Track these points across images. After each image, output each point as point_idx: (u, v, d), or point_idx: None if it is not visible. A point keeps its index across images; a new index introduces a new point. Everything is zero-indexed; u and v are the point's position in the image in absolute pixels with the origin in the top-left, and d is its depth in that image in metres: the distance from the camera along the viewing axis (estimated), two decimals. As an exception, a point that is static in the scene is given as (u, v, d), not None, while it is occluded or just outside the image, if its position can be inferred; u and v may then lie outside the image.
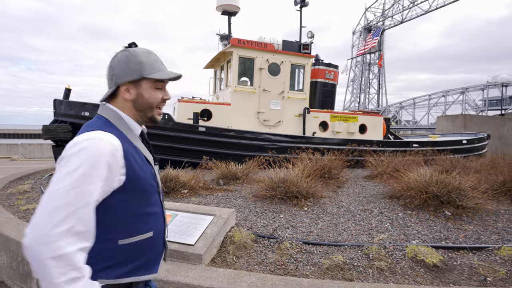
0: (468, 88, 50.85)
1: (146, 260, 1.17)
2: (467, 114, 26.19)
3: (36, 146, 19.18)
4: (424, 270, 2.94)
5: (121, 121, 1.15)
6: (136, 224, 1.11)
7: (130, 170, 1.06)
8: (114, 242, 1.06)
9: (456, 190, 4.28)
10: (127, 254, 1.09)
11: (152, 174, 1.18)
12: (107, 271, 1.05)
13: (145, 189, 1.14)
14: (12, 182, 6.38)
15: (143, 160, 1.16)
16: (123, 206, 1.06)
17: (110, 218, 1.04)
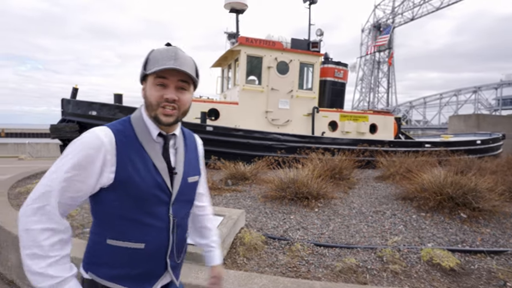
0: (481, 87, 49.93)
1: (133, 273, 1.07)
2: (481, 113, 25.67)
3: (43, 145, 19.41)
4: (441, 274, 2.84)
5: (139, 121, 1.11)
6: (125, 229, 1.05)
7: (122, 170, 1.01)
8: (103, 239, 1.06)
9: (472, 192, 4.15)
10: (114, 256, 1.06)
11: (155, 183, 1.06)
12: (94, 267, 1.08)
13: (141, 196, 1.04)
14: (20, 181, 6.43)
15: (146, 165, 1.06)
16: (112, 205, 1.04)
17: (100, 213, 1.07)
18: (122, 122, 1.11)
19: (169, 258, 1.14)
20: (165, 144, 1.13)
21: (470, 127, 19.55)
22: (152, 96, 1.06)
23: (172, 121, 1.08)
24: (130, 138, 1.06)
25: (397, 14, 45.77)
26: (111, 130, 1.04)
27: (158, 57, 1.05)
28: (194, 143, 1.31)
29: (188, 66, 1.07)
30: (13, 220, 3.74)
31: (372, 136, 9.86)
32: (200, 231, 1.42)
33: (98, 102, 7.03)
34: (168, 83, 1.06)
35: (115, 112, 6.96)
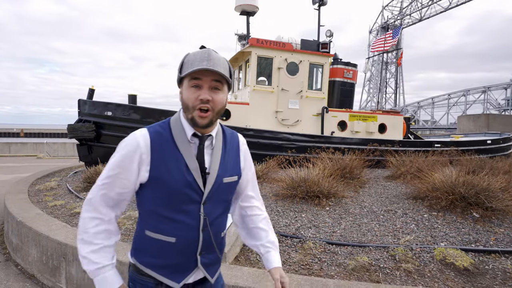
0: (490, 87, 49.18)
1: (166, 263, 1.15)
2: (490, 113, 25.31)
3: (60, 144, 19.79)
4: (455, 273, 2.85)
5: (177, 122, 1.17)
6: (159, 223, 1.13)
7: (154, 169, 1.10)
8: (143, 230, 1.17)
9: (484, 192, 4.13)
10: (150, 246, 1.15)
11: (186, 182, 1.11)
12: (137, 253, 1.19)
13: (172, 193, 1.10)
14: (40, 179, 6.60)
15: (178, 164, 1.11)
16: (148, 200, 1.14)
17: (140, 206, 1.18)
18: (162, 123, 1.18)
19: (199, 255, 1.18)
20: (199, 145, 1.16)
21: (480, 127, 19.32)
22: (188, 98, 1.10)
23: (206, 122, 1.11)
24: (166, 139, 1.13)
25: (405, 15, 45.35)
26: (148, 132, 1.13)
27: (192, 59, 1.09)
28: (236, 143, 1.30)
29: (221, 66, 1.10)
30: (33, 216, 3.86)
31: (381, 136, 9.83)
32: (252, 232, 1.39)
33: (113, 103, 7.15)
34: (202, 83, 1.09)
35: (129, 113, 7.08)
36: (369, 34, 50.97)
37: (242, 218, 1.42)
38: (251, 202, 1.40)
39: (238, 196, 1.39)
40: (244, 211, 1.40)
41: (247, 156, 1.35)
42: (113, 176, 1.11)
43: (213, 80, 1.10)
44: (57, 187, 5.87)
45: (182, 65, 1.12)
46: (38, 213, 4.01)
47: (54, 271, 3.23)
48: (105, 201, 1.13)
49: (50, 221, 3.71)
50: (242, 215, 1.41)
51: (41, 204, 4.68)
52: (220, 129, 1.25)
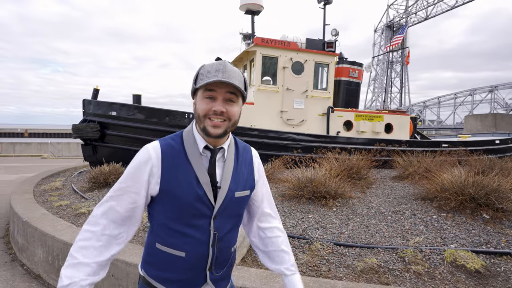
0: (497, 86, 48.62)
1: (175, 278, 1.13)
2: (498, 113, 25.01)
3: (64, 145, 19.95)
4: (465, 276, 2.79)
5: (189, 134, 1.15)
6: (169, 237, 1.11)
7: (165, 182, 1.08)
8: (154, 242, 1.15)
9: (495, 192, 4.05)
10: (160, 259, 1.13)
11: (196, 196, 1.08)
12: (147, 266, 1.17)
13: (182, 207, 1.08)
14: (45, 179, 6.62)
15: (189, 178, 1.08)
16: (159, 213, 1.12)
17: (151, 219, 1.16)
18: (175, 136, 1.17)
19: (208, 270, 1.15)
20: (211, 158, 1.13)
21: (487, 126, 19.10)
22: (200, 108, 1.08)
23: (220, 132, 1.08)
24: (177, 152, 1.11)
25: (410, 13, 45.02)
26: (160, 145, 1.11)
27: (207, 71, 1.07)
28: (249, 156, 1.27)
29: (236, 79, 1.07)
30: (39, 217, 3.86)
31: (387, 136, 9.74)
32: (273, 255, 1.30)
33: (118, 103, 7.16)
34: (216, 95, 1.07)
35: (134, 113, 7.08)
36: (374, 33, 50.67)
37: (262, 241, 1.33)
38: (270, 222, 1.34)
39: (254, 214, 1.33)
40: (264, 232, 1.33)
41: (260, 170, 1.31)
42: (123, 189, 1.09)
43: (228, 92, 1.08)
44: (62, 187, 5.88)
45: (197, 76, 1.10)
46: (43, 213, 4.01)
47: (60, 271, 3.22)
48: (110, 215, 1.09)
49: (55, 221, 3.70)
50: (261, 237, 1.34)
51: (46, 204, 4.68)
52: (232, 142, 1.22)
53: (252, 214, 1.33)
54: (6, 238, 4.53)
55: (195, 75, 1.12)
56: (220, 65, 1.07)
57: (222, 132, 1.08)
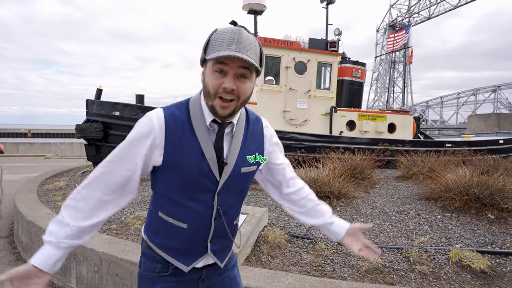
0: (501, 86, 48.38)
1: (176, 246, 1.13)
2: (501, 113, 24.88)
3: (67, 145, 20.03)
4: (471, 276, 2.77)
5: (196, 105, 1.08)
6: (171, 207, 1.10)
7: (169, 154, 1.03)
8: (156, 210, 1.14)
9: (500, 192, 4.03)
10: (162, 228, 1.13)
11: (201, 171, 1.04)
12: (149, 232, 1.18)
13: (186, 180, 1.04)
14: (48, 179, 6.65)
15: (194, 151, 1.03)
16: (161, 184, 1.09)
17: (154, 189, 1.14)
18: (180, 105, 1.09)
19: (210, 242, 1.15)
20: (218, 132, 1.07)
21: (491, 126, 19.01)
22: (210, 84, 0.99)
23: (228, 112, 1.02)
24: (182, 123, 1.05)
25: (413, 13, 44.86)
26: (164, 114, 1.04)
27: (219, 39, 0.96)
28: (260, 128, 1.20)
29: (252, 51, 0.98)
30: (43, 216, 3.87)
31: (391, 135, 9.71)
32: (312, 211, 1.32)
33: (121, 103, 7.17)
34: (227, 69, 0.97)
35: (137, 113, 7.09)
36: (377, 33, 50.56)
37: (297, 203, 1.33)
38: (297, 184, 1.33)
39: (281, 182, 1.30)
40: (296, 195, 1.32)
41: (273, 139, 1.24)
42: (121, 156, 1.04)
43: (241, 67, 0.97)
44: (66, 187, 5.90)
45: (208, 44, 0.99)
46: (47, 213, 4.02)
47: (65, 271, 3.22)
48: (104, 180, 1.05)
49: (60, 221, 3.71)
50: (295, 200, 1.32)
51: (50, 204, 4.70)
52: (244, 114, 1.16)
53: (280, 183, 1.31)
54: (10, 237, 4.55)
55: (206, 41, 1.01)
56: (235, 33, 0.96)
57: (230, 112, 1.02)
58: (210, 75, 1.00)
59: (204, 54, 1.01)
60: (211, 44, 0.98)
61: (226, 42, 0.95)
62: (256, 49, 1.01)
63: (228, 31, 0.98)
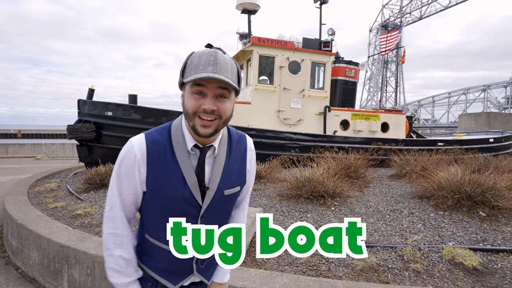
0: (490, 85, 49.16)
1: (165, 267, 1.16)
2: (491, 112, 25.26)
3: (59, 145, 19.77)
4: (464, 273, 2.81)
5: (178, 130, 1.08)
6: (156, 231, 1.11)
7: (151, 181, 1.05)
8: (143, 232, 1.16)
9: (491, 190, 4.08)
10: (149, 249, 1.15)
11: (183, 197, 1.05)
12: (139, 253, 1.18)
13: (168, 207, 1.07)
14: (39, 181, 6.55)
15: (175, 178, 1.05)
16: (147, 207, 1.12)
17: (142, 211, 1.15)
18: (161, 130, 1.10)
19: (195, 263, 1.17)
20: (200, 157, 1.08)
21: (481, 125, 19.29)
22: (189, 105, 1.00)
23: (210, 132, 1.01)
24: (163, 149, 1.06)
25: (405, 13, 45.29)
26: (145, 140, 1.05)
27: (196, 62, 0.97)
28: (243, 148, 1.20)
29: (229, 72, 0.98)
30: (33, 219, 3.80)
31: (384, 134, 9.78)
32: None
33: (114, 103, 7.10)
34: (206, 91, 0.98)
35: (130, 113, 7.02)
36: (369, 33, 50.91)
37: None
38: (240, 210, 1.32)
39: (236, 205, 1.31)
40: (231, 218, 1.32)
41: (252, 161, 1.25)
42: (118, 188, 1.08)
43: (219, 87, 0.98)
44: (57, 188, 5.81)
45: (185, 67, 1.00)
46: (38, 215, 3.95)
47: (56, 274, 3.17)
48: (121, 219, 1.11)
49: (51, 223, 3.65)
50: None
51: (41, 206, 4.62)
52: (225, 135, 1.16)
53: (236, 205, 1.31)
54: (0, 241, 4.46)
55: (182, 65, 1.02)
56: (211, 55, 0.97)
57: (212, 132, 1.02)
58: (189, 97, 1.00)
59: (181, 77, 1.01)
60: (188, 67, 0.99)
61: (202, 64, 0.96)
62: (233, 69, 1.01)
63: (204, 53, 0.99)
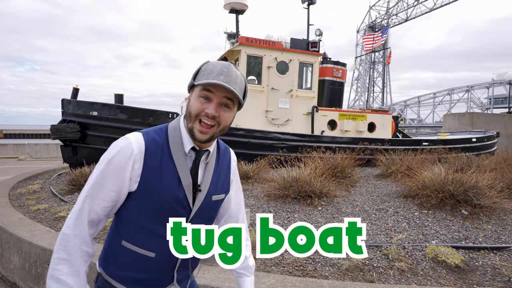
0: (473, 86, 50.45)
1: (140, 277, 1.09)
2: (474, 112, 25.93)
3: (43, 146, 19.30)
4: (446, 271, 2.87)
5: (175, 131, 1.09)
6: (140, 235, 1.06)
7: (146, 180, 1.02)
8: (119, 239, 1.09)
9: (473, 189, 4.19)
10: (125, 258, 1.08)
11: (177, 198, 1.05)
12: (107, 264, 1.11)
13: (160, 207, 1.04)
14: (21, 182, 6.37)
15: (171, 178, 1.05)
16: (132, 210, 1.06)
17: (120, 215, 1.09)
18: (159, 130, 1.10)
19: (177, 271, 1.14)
20: (196, 159, 1.10)
21: (464, 125, 19.74)
22: (193, 107, 1.04)
23: (206, 138, 1.05)
24: (161, 148, 1.05)
25: (391, 15, 46.02)
26: (144, 138, 1.04)
27: (210, 69, 1.03)
28: (228, 159, 1.25)
29: (237, 85, 1.03)
30: (15, 221, 3.70)
31: (370, 134, 9.92)
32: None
33: (99, 102, 6.97)
34: (212, 97, 1.03)
35: (116, 113, 6.91)
36: (357, 34, 51.51)
37: None
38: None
39: (221, 217, 1.30)
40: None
41: (235, 174, 1.29)
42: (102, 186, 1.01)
43: (225, 97, 1.03)
44: (40, 190, 5.67)
45: (198, 72, 1.05)
46: (20, 218, 3.85)
47: (38, 278, 3.09)
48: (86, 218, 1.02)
49: (33, 226, 3.56)
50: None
51: (23, 209, 4.50)
52: (215, 144, 1.19)
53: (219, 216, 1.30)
54: (-20, 244, 4.32)
55: (196, 70, 1.07)
56: (225, 67, 1.03)
57: (208, 138, 1.05)
58: (195, 100, 1.04)
59: (193, 80, 1.06)
60: (201, 72, 1.04)
61: (216, 72, 1.01)
62: (241, 84, 1.06)
63: (220, 64, 1.05)
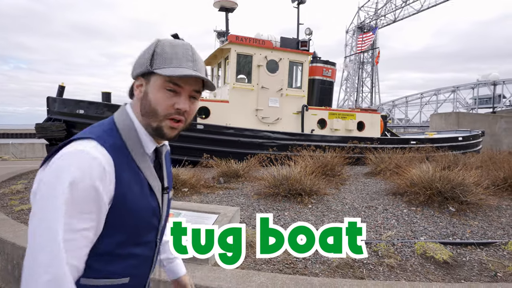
0: (459, 87, 51.58)
1: None
2: (460, 112, 26.52)
3: (28, 145, 18.86)
4: (435, 266, 2.90)
5: (130, 131, 0.88)
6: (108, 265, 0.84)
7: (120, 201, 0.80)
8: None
9: (460, 186, 4.26)
10: None
11: (152, 209, 0.90)
12: None
13: (137, 226, 0.87)
14: (4, 182, 6.19)
15: (143, 189, 0.87)
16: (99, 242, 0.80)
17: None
18: (109, 131, 0.85)
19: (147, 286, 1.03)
20: (157, 158, 0.96)
21: (451, 124, 20.15)
22: (159, 103, 0.84)
23: (175, 134, 0.90)
24: (124, 155, 0.84)
25: (380, 15, 46.62)
26: (105, 147, 0.79)
27: (171, 54, 0.84)
28: (168, 151, 1.08)
29: (204, 71, 0.89)
30: (-3, 222, 3.58)
31: (360, 133, 10.01)
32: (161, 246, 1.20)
33: (86, 100, 6.83)
34: (181, 91, 0.85)
35: (103, 111, 6.78)
36: (346, 34, 51.98)
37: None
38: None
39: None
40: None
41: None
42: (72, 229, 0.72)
43: (194, 89, 0.88)
44: (24, 190, 5.51)
45: (154, 55, 0.84)
46: (2, 219, 3.73)
47: (20, 280, 3.00)
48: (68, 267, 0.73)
49: (16, 227, 3.45)
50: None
51: (6, 209, 4.37)
52: None
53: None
54: (-40, 246, 4.17)
55: (150, 53, 0.85)
56: (187, 50, 0.86)
57: (177, 134, 0.90)
58: (158, 93, 0.84)
59: (150, 66, 0.84)
60: (159, 56, 0.84)
61: (181, 58, 0.85)
62: (205, 67, 0.93)
63: (179, 45, 0.87)
